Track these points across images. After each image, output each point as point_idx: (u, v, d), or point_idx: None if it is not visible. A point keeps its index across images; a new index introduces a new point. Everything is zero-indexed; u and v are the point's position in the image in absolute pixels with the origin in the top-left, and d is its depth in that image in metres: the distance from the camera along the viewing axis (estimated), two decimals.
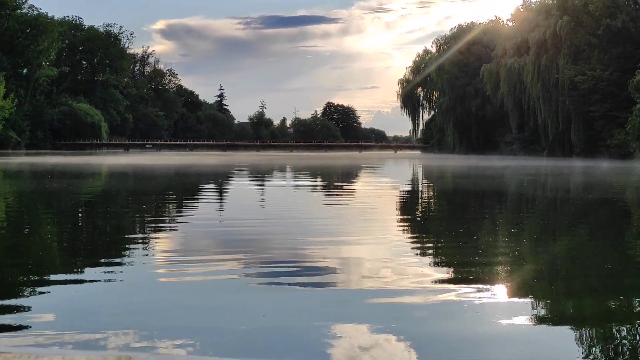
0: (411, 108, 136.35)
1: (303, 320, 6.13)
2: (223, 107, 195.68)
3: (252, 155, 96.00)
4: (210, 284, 7.58)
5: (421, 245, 11.19)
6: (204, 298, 6.95)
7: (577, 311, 6.73)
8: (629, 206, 20.43)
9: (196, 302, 6.77)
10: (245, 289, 7.40)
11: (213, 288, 7.41)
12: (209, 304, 6.74)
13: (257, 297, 6.98)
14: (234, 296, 7.04)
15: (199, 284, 7.64)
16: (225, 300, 6.88)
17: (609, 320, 6.31)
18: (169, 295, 7.16)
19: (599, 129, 72.56)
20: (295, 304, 6.71)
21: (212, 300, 6.87)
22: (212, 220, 14.69)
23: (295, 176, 38.33)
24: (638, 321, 6.31)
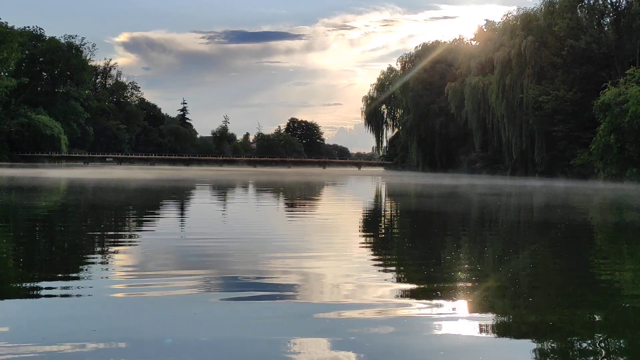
0: (375, 125, 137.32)
1: (263, 334, 6.13)
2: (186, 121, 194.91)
3: (214, 170, 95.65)
4: (169, 299, 7.58)
5: (382, 261, 11.24)
6: (162, 312, 6.95)
7: (537, 327, 6.77)
8: (589, 226, 20.62)
9: (154, 317, 6.78)
10: (204, 303, 7.39)
11: (171, 302, 7.40)
12: (167, 318, 6.74)
13: (216, 312, 7.00)
14: (192, 311, 7.01)
15: (157, 298, 7.63)
16: (183, 315, 6.84)
17: (568, 335, 6.42)
18: (126, 310, 7.14)
19: (561, 148, 73.61)
20: (255, 319, 6.70)
21: (170, 315, 6.86)
22: (173, 235, 14.55)
23: (258, 192, 38.18)
24: (597, 335, 6.45)
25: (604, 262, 11.88)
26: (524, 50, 77.78)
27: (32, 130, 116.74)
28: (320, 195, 36.78)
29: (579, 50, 72.89)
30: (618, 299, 8.31)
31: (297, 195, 35.10)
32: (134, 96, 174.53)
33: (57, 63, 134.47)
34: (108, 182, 44.77)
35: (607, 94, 61.19)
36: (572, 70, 74.10)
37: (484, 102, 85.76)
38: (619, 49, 71.55)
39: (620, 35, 72.06)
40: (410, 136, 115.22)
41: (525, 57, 77.82)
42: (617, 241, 15.90)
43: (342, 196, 37.73)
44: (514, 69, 79.11)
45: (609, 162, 62.36)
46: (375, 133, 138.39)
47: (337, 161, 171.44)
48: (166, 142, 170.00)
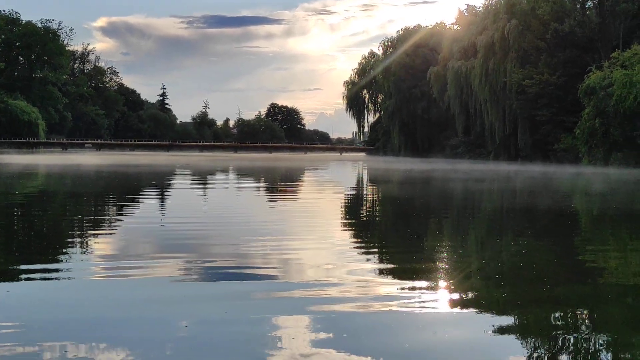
0: (356, 110, 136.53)
1: (244, 315, 6.13)
2: (165, 106, 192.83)
3: (195, 156, 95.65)
4: (149, 281, 7.59)
5: (365, 248, 11.15)
6: (142, 295, 6.94)
7: (522, 318, 6.74)
8: (574, 212, 20.66)
9: (134, 300, 6.76)
10: (185, 286, 7.39)
11: (152, 285, 7.42)
12: (148, 300, 6.72)
13: (196, 294, 7.00)
14: (173, 293, 7.00)
15: (137, 281, 7.64)
16: (164, 298, 6.83)
17: (553, 328, 6.40)
18: (106, 293, 7.09)
19: (545, 133, 73.07)
20: (236, 299, 6.68)
21: (151, 297, 6.84)
22: (153, 221, 14.40)
23: (239, 177, 38.05)
24: (582, 328, 6.45)
25: (586, 246, 12.00)
26: (508, 33, 77.06)
27: (8, 116, 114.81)
28: (302, 181, 36.63)
29: (562, 34, 72.29)
30: (599, 279, 8.39)
31: (278, 181, 34.90)
32: (112, 81, 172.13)
33: (34, 48, 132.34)
34: (87, 168, 44.52)
35: (592, 78, 60.58)
36: (555, 54, 73.48)
37: (467, 86, 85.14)
38: (602, 32, 71.02)
39: (603, 19, 71.46)
40: (392, 121, 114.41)
41: (509, 41, 77.12)
42: (596, 225, 16.00)
43: (324, 181, 37.66)
44: (498, 53, 78.40)
45: (594, 146, 61.85)
46: (357, 118, 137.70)
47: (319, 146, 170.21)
48: (146, 128, 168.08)
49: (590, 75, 61.29)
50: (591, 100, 60.51)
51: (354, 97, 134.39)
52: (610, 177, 41.98)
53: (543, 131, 73.44)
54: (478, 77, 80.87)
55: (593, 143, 61.83)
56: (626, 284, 8.30)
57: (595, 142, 61.52)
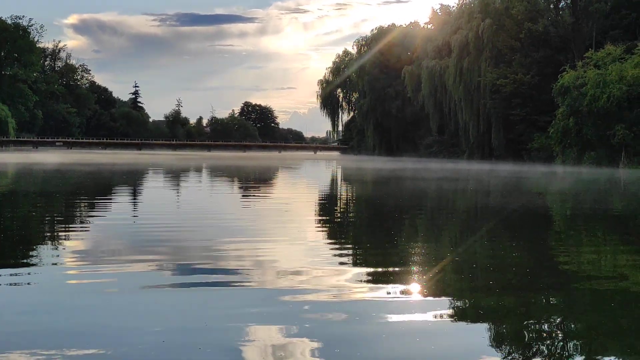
0: (331, 109, 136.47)
1: (217, 321, 6.02)
2: (138, 104, 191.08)
3: (168, 155, 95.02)
4: (121, 285, 7.43)
5: (338, 245, 11.13)
6: (113, 299, 6.80)
7: (494, 309, 6.73)
8: (545, 211, 20.67)
9: (106, 304, 6.60)
10: (157, 290, 7.25)
11: (123, 289, 7.27)
12: (119, 305, 6.58)
13: (169, 299, 6.91)
14: (146, 299, 6.90)
15: (109, 284, 7.48)
16: (136, 302, 6.73)
17: (524, 318, 6.35)
18: (78, 296, 6.97)
19: (519, 132, 73.40)
20: (209, 306, 6.58)
21: (121, 302, 6.71)
22: (125, 221, 14.20)
23: (213, 177, 37.80)
24: (553, 317, 6.42)
25: (559, 245, 11.94)
26: (482, 33, 77.26)
27: None
28: (276, 180, 36.43)
29: (536, 34, 72.66)
30: (573, 281, 8.33)
31: (252, 180, 34.58)
32: (84, 79, 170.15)
33: (4, 44, 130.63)
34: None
35: (566, 77, 60.85)
36: (529, 54, 73.82)
37: (441, 85, 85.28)
38: (575, 32, 71.41)
39: (577, 19, 71.86)
40: (366, 120, 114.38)
41: (483, 40, 77.33)
42: (566, 225, 15.91)
43: (298, 180, 37.42)
44: (472, 52, 78.58)
45: (568, 145, 62.16)
46: (331, 117, 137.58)
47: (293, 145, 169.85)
48: (118, 126, 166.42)
49: (564, 74, 61.59)
50: (565, 99, 60.78)
51: (328, 96, 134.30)
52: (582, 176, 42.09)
53: (517, 130, 73.74)
54: (452, 76, 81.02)
55: (567, 142, 62.15)
56: (597, 275, 8.23)
57: (569, 141, 61.84)
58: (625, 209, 20.63)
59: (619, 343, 5.74)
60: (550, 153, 66.16)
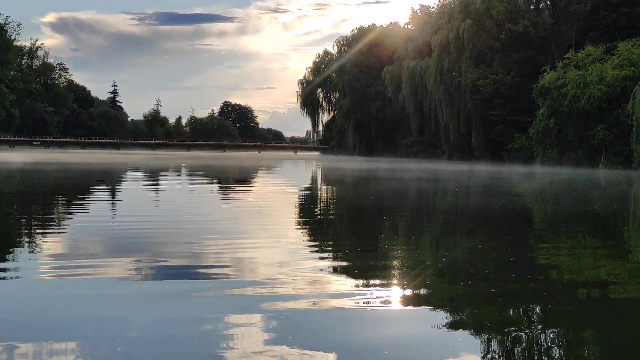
0: (311, 109, 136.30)
1: (194, 314, 6.01)
2: (116, 104, 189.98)
3: (147, 154, 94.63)
4: (100, 281, 7.42)
5: (318, 247, 11.02)
6: (92, 295, 6.74)
7: (474, 314, 6.72)
8: (525, 212, 20.72)
9: (84, 300, 6.56)
10: (137, 286, 7.24)
11: (103, 285, 7.25)
12: (98, 301, 6.53)
13: (148, 294, 6.85)
14: (123, 300, 6.75)
15: (87, 281, 7.46)
16: (115, 298, 6.67)
17: (506, 324, 6.30)
18: (56, 293, 6.91)
19: (499, 132, 73.42)
20: (189, 309, 6.43)
21: (101, 297, 6.65)
22: (104, 219, 14.16)
23: (192, 176, 37.62)
24: (534, 324, 6.38)
25: (538, 245, 11.95)
26: (462, 33, 77.20)
27: None
28: (255, 180, 36.43)
29: (516, 34, 72.66)
30: (553, 282, 8.38)
31: (232, 180, 34.56)
32: (62, 78, 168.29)
33: None
34: (36, 166, 43.53)
35: (547, 78, 60.97)
36: (510, 54, 73.87)
37: (422, 85, 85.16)
38: (555, 33, 71.58)
39: (557, 19, 72.05)
40: (346, 120, 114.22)
41: (464, 41, 77.26)
42: (547, 225, 15.92)
43: (277, 180, 37.44)
44: (452, 53, 78.50)
45: (548, 146, 62.15)
46: (311, 117, 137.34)
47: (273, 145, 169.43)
48: (96, 126, 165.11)
49: (544, 75, 61.73)
50: (546, 100, 60.88)
51: (308, 96, 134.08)
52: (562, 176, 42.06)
53: (497, 131, 73.77)
54: (433, 76, 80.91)
55: (547, 143, 62.22)
56: (577, 280, 8.34)
57: (549, 142, 61.92)
58: (605, 209, 20.66)
59: (595, 333, 5.78)
60: (531, 153, 66.23)
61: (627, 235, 13.85)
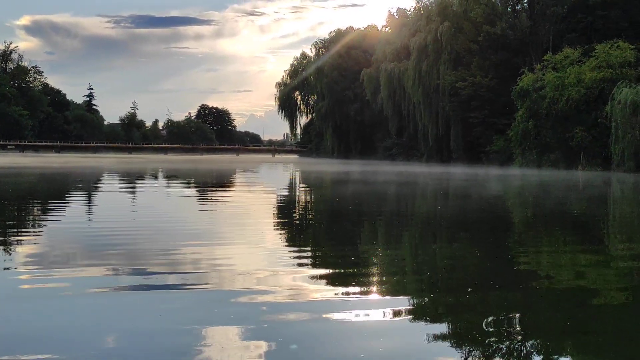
0: (289, 111, 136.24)
1: (173, 324, 5.91)
2: (92, 107, 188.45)
3: (123, 158, 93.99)
4: (75, 289, 7.27)
5: (296, 250, 10.98)
6: (67, 304, 6.64)
7: (454, 323, 6.64)
8: (504, 214, 20.61)
9: (60, 309, 6.46)
10: (113, 294, 7.13)
11: (78, 293, 7.10)
12: (73, 309, 6.43)
13: (124, 302, 6.76)
14: (100, 302, 6.73)
15: (63, 289, 7.32)
16: (90, 306, 6.55)
17: (487, 334, 6.22)
18: (31, 301, 6.79)
19: (477, 135, 73.64)
20: (165, 308, 6.45)
21: (76, 306, 6.56)
22: (78, 228, 13.75)
23: (170, 180, 37.31)
24: (514, 333, 6.32)
25: (517, 247, 11.87)
26: (440, 36, 77.37)
27: None
28: (234, 183, 36.16)
29: (494, 37, 72.98)
30: (531, 280, 8.30)
31: (210, 183, 34.28)
32: (36, 81, 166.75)
33: None
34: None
35: (525, 80, 61.24)
36: (487, 57, 74.16)
37: (400, 88, 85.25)
38: (533, 35, 71.91)
39: (534, 22, 72.36)
40: (325, 122, 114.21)
41: (442, 43, 77.45)
42: (526, 228, 15.83)
43: (256, 184, 37.19)
44: (431, 55, 78.64)
45: (527, 148, 62.34)
46: (289, 119, 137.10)
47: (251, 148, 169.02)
48: (72, 129, 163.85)
49: (523, 77, 62.01)
50: (524, 102, 61.16)
51: (286, 99, 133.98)
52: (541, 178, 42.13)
53: (475, 133, 74.01)
54: (411, 79, 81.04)
55: (526, 145, 62.46)
56: (557, 287, 8.22)
57: (528, 144, 62.16)
58: (584, 211, 20.59)
59: (576, 341, 5.76)
60: (509, 155, 66.45)
61: (607, 238, 13.79)
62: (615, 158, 53.04)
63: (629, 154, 51.83)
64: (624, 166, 52.01)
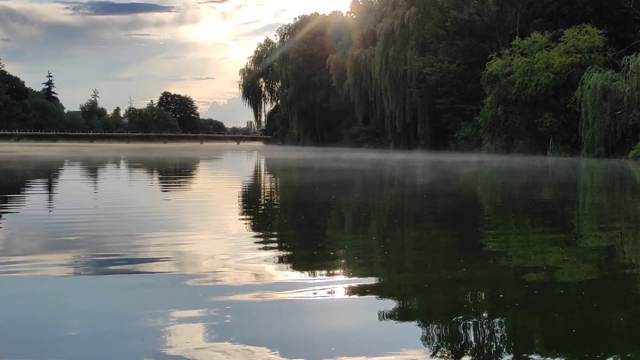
0: (253, 99, 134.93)
1: (135, 310, 5.86)
2: (52, 95, 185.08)
3: (85, 146, 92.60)
4: (37, 279, 7.17)
5: (261, 238, 10.81)
6: (29, 293, 6.55)
7: (422, 303, 6.64)
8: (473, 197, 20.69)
9: (21, 298, 6.37)
10: (75, 282, 7.02)
11: (40, 282, 7.00)
12: (36, 298, 6.33)
13: (87, 296, 6.53)
14: (61, 295, 6.55)
15: (24, 278, 7.20)
16: (53, 295, 6.47)
17: (453, 312, 6.18)
18: None
19: (445, 121, 73.37)
20: (129, 305, 6.22)
21: (39, 295, 6.46)
22: (40, 214, 13.66)
23: (132, 169, 36.94)
24: (482, 311, 6.29)
25: (486, 234, 11.93)
26: (407, 21, 76.84)
27: None
28: (197, 171, 35.93)
29: (461, 22, 72.51)
30: (503, 270, 8.33)
31: (173, 172, 33.98)
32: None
33: None
34: None
35: (494, 66, 60.95)
36: (455, 42, 73.78)
37: (367, 74, 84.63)
38: (500, 20, 71.58)
39: (501, 7, 72.03)
40: (290, 110, 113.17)
41: (409, 29, 76.89)
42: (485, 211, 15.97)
43: (220, 171, 37.08)
44: (398, 41, 78.02)
45: (496, 133, 62.02)
46: (254, 107, 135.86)
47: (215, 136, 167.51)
48: (31, 117, 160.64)
49: (491, 63, 61.66)
50: (493, 87, 60.86)
51: (250, 86, 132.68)
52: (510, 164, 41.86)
53: (443, 119, 73.66)
54: (378, 65, 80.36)
55: (495, 131, 62.16)
56: (524, 265, 8.34)
57: (497, 129, 61.88)
58: (553, 196, 20.56)
59: (547, 331, 5.68)
60: (477, 141, 66.20)
61: (575, 221, 13.90)
62: (585, 143, 52.95)
63: (599, 139, 51.78)
64: (594, 152, 51.96)
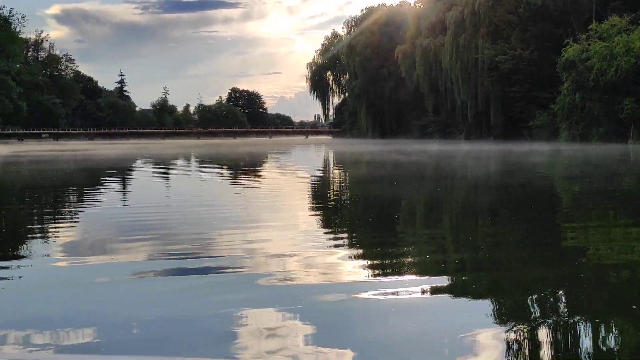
0: (321, 92, 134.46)
1: (209, 308, 5.71)
2: (124, 93, 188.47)
3: (157, 143, 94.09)
4: (113, 275, 7.12)
5: (332, 233, 10.62)
6: (105, 289, 6.58)
7: (493, 286, 6.37)
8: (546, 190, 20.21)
9: (97, 294, 6.37)
10: (150, 279, 6.97)
11: (116, 279, 6.96)
12: (111, 295, 6.32)
13: (161, 288, 6.61)
14: (140, 287, 6.63)
15: (101, 275, 7.16)
16: (128, 292, 6.43)
17: (534, 313, 5.96)
18: (71, 290, 6.65)
19: (519, 110, 71.32)
20: (201, 293, 6.26)
21: (114, 292, 6.44)
22: (114, 213, 13.59)
23: (204, 165, 37.11)
24: (563, 312, 6.06)
25: (565, 226, 11.66)
26: (478, 8, 75.24)
27: None
28: (268, 166, 35.83)
29: (535, 7, 70.43)
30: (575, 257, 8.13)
31: (244, 167, 33.92)
32: (68, 69, 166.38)
33: None
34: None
35: (570, 51, 58.78)
36: (528, 28, 71.75)
37: (436, 64, 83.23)
38: (575, 4, 69.30)
39: None
40: (358, 102, 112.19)
41: (480, 16, 75.28)
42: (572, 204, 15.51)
43: (290, 166, 36.80)
44: (468, 29, 76.47)
45: (574, 122, 59.81)
46: (321, 100, 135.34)
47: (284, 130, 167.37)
48: (104, 116, 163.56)
49: (567, 48, 59.52)
50: (570, 74, 58.67)
51: (317, 79, 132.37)
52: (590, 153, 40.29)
53: (516, 108, 71.78)
54: (448, 54, 79.00)
55: (573, 119, 60.01)
56: (607, 262, 7.82)
57: (575, 117, 59.73)
58: (636, 186, 20.04)
59: (625, 316, 5.42)
60: (553, 130, 64.18)
61: None
62: None
63: None
64: None
